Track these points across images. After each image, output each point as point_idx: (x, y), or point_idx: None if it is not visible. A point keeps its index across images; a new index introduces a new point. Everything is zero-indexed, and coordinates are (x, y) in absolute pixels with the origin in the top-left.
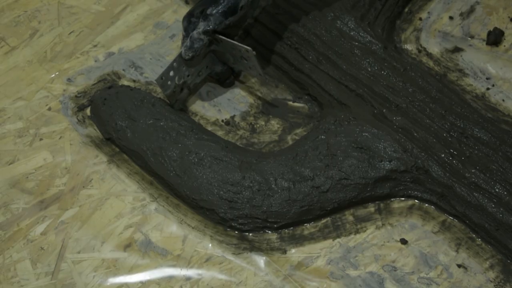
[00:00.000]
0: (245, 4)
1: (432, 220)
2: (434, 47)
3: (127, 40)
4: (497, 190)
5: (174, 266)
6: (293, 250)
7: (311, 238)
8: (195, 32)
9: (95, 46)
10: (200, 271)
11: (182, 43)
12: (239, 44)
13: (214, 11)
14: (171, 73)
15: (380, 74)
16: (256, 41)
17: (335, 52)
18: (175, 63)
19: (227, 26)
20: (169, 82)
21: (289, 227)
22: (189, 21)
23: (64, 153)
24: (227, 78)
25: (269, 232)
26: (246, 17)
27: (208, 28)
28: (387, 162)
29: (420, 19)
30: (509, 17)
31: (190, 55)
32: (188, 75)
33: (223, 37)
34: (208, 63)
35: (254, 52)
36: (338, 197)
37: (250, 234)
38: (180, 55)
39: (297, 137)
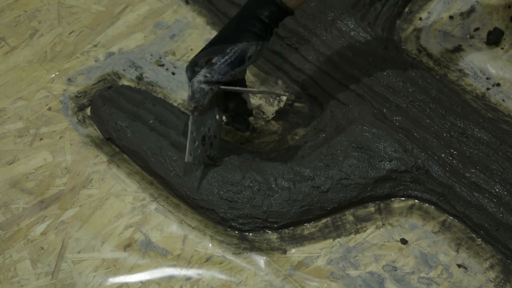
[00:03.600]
0: (253, 54)
1: (432, 220)
2: (434, 47)
3: (127, 40)
4: (497, 190)
5: (174, 266)
6: (293, 250)
7: (311, 238)
8: (195, 80)
9: (95, 46)
10: (200, 271)
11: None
12: (250, 90)
13: (221, 61)
14: (196, 143)
15: (380, 74)
16: None
17: (335, 52)
18: (191, 128)
19: (232, 76)
20: (198, 151)
21: (289, 227)
22: (193, 71)
23: (64, 153)
24: (243, 114)
25: (269, 232)
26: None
27: (212, 79)
28: (387, 162)
29: (420, 19)
30: (510, 16)
31: (192, 106)
32: (208, 128)
33: (229, 88)
34: (219, 102)
35: (264, 89)
36: (338, 197)
37: (250, 234)
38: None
39: (297, 137)
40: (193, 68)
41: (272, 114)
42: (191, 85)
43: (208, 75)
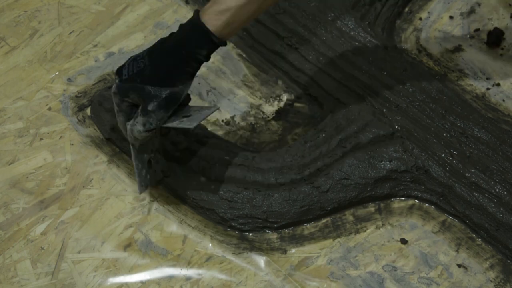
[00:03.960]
0: (186, 91)
1: (432, 220)
2: (434, 47)
3: (127, 40)
4: (497, 190)
5: (174, 266)
6: (293, 250)
7: (311, 238)
8: (135, 129)
9: (95, 46)
10: (200, 271)
11: (117, 116)
12: (183, 127)
13: (157, 108)
14: (143, 172)
15: (380, 74)
16: (256, 41)
17: (335, 52)
18: (136, 162)
19: (170, 115)
20: (148, 176)
21: (289, 227)
22: (122, 100)
23: (64, 153)
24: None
25: (269, 232)
26: None
27: (151, 127)
28: (387, 162)
29: (420, 19)
30: (509, 13)
31: (137, 145)
32: (151, 150)
33: (168, 125)
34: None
35: (195, 125)
36: (338, 197)
37: (250, 234)
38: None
39: (297, 137)
40: (122, 98)
41: (272, 114)
42: (130, 131)
43: (147, 124)
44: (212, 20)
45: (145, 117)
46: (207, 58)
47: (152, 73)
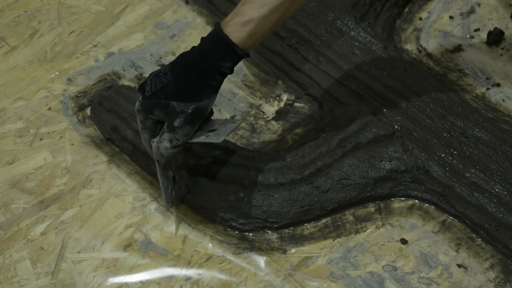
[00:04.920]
0: (212, 105)
1: (432, 220)
2: (434, 47)
3: (127, 40)
4: (497, 190)
5: (174, 266)
6: (293, 250)
7: (311, 238)
8: (161, 146)
9: (95, 46)
10: (200, 271)
11: (141, 133)
12: (211, 142)
13: (183, 124)
14: (169, 188)
15: (380, 74)
16: None
17: (335, 52)
18: (162, 179)
19: (196, 130)
20: (173, 193)
21: (289, 227)
22: (146, 117)
23: (64, 153)
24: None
25: (269, 232)
26: None
27: (178, 143)
28: (387, 162)
29: (420, 19)
30: (509, 13)
31: (162, 162)
32: (175, 166)
33: (194, 140)
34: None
35: (222, 139)
36: (338, 197)
37: (250, 234)
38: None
39: (297, 137)
40: (147, 115)
41: (272, 114)
42: (156, 148)
43: (173, 140)
44: (236, 32)
45: (171, 133)
46: (231, 71)
47: (176, 89)
